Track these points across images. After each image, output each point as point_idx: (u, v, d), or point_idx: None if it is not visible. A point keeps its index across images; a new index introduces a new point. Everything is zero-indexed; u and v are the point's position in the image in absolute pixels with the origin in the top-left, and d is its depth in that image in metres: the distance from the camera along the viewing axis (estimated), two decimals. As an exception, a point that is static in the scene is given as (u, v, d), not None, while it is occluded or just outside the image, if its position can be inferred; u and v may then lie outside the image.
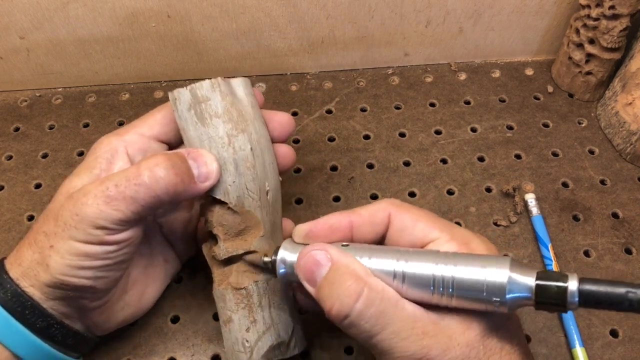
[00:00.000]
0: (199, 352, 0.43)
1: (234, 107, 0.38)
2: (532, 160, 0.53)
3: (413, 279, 0.31)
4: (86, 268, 0.35)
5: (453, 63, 0.61)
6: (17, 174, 0.53)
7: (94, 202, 0.34)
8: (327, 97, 0.59)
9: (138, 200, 0.34)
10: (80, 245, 0.34)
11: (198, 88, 0.38)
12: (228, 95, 0.38)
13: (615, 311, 0.29)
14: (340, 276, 0.31)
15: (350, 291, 0.30)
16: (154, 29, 0.54)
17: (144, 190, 0.34)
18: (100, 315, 0.39)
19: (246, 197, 0.38)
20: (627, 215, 0.50)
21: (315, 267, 0.32)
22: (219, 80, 0.38)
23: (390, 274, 0.31)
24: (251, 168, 0.38)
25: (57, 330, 0.37)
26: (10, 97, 0.59)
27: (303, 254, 0.33)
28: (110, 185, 0.34)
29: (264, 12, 0.54)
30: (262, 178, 0.39)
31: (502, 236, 0.49)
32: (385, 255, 0.32)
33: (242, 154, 0.38)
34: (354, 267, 0.31)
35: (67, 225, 0.34)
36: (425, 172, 0.53)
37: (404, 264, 0.31)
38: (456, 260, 0.31)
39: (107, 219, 0.34)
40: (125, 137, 0.39)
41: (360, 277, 0.31)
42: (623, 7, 0.50)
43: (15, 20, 0.52)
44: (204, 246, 0.40)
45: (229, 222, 0.38)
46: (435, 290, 0.30)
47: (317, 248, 0.33)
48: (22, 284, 0.35)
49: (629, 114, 0.52)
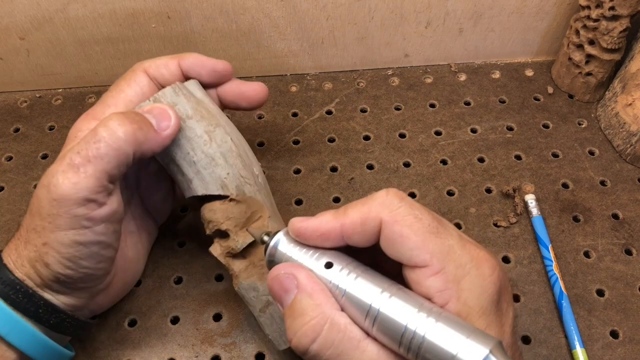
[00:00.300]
0: (199, 353, 0.43)
1: (200, 106, 0.39)
2: (532, 161, 0.53)
3: (385, 322, 0.27)
4: (83, 258, 0.35)
5: (453, 64, 0.61)
6: (17, 174, 0.53)
7: (64, 179, 0.33)
8: (327, 98, 0.59)
9: (103, 157, 0.34)
10: (70, 235, 0.34)
11: (161, 96, 0.38)
12: (191, 96, 0.39)
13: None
14: (302, 310, 0.29)
15: (307, 330, 0.28)
16: (154, 29, 0.54)
17: (105, 145, 0.34)
18: (104, 297, 0.40)
19: (244, 185, 0.38)
20: (627, 216, 0.50)
21: (282, 292, 0.30)
22: (178, 84, 0.39)
23: (365, 310, 0.28)
24: (238, 157, 0.39)
25: (69, 324, 0.37)
26: (10, 98, 0.59)
27: (273, 273, 0.31)
28: (72, 155, 0.34)
29: (263, 13, 0.54)
30: (249, 164, 0.40)
31: (502, 237, 0.49)
32: (370, 283, 0.29)
33: (226, 146, 0.38)
34: (319, 301, 0.29)
35: (50, 216, 0.33)
36: (425, 173, 0.53)
37: (384, 300, 0.28)
38: (439, 317, 0.27)
39: (83, 189, 0.33)
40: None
41: (323, 313, 0.29)
42: (623, 8, 0.50)
43: (16, 21, 0.52)
44: (212, 248, 0.40)
45: (235, 213, 0.38)
46: (403, 344, 0.27)
47: (285, 271, 0.31)
48: (29, 283, 0.35)
49: (629, 114, 0.52)
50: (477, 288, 0.28)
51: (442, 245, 0.28)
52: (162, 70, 0.41)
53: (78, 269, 0.35)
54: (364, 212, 0.30)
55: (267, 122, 0.56)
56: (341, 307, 0.29)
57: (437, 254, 0.28)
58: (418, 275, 0.28)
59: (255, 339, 0.43)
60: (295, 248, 0.32)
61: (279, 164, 0.53)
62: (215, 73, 0.41)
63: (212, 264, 0.47)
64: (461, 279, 0.28)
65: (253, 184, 0.39)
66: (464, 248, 0.29)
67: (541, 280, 0.46)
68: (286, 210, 0.50)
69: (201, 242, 0.48)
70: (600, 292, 0.46)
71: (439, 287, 0.28)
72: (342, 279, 0.30)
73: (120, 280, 0.41)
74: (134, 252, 0.43)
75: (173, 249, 0.48)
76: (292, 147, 0.55)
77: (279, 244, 0.33)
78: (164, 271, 0.47)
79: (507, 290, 0.30)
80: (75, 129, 0.39)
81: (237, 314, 0.44)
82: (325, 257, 0.31)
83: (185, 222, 0.49)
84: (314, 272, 0.31)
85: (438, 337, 0.26)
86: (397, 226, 0.29)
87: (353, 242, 0.31)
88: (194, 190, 0.39)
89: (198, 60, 0.41)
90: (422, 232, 0.29)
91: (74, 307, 0.37)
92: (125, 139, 0.34)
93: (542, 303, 0.45)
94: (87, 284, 0.37)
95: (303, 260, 0.31)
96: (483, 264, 0.28)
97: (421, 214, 0.29)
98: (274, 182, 0.52)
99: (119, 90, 0.40)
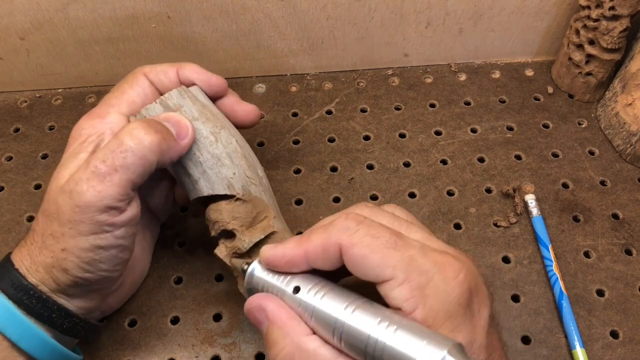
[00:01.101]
0: (199, 353, 0.43)
1: (205, 109, 0.40)
2: (532, 161, 0.53)
3: (349, 336, 0.28)
4: (102, 261, 0.35)
5: (453, 64, 0.61)
6: (17, 174, 0.53)
7: (89, 187, 0.33)
8: (327, 98, 0.59)
9: (129, 167, 0.34)
10: (91, 239, 0.34)
11: (168, 98, 0.39)
12: (196, 99, 0.40)
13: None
14: (274, 339, 0.30)
15: (281, 359, 0.30)
16: (154, 29, 0.54)
17: (132, 155, 0.34)
18: (115, 297, 0.41)
19: (250, 185, 0.39)
20: (627, 216, 0.50)
21: (256, 323, 0.32)
22: (184, 87, 0.40)
23: (332, 327, 0.29)
24: (243, 158, 0.39)
25: (81, 327, 0.37)
26: (10, 98, 0.59)
27: (246, 307, 0.33)
28: (97, 163, 0.34)
29: (264, 13, 0.54)
30: (254, 165, 0.40)
31: (502, 237, 0.49)
32: (335, 300, 0.30)
33: (231, 147, 0.39)
34: (289, 328, 0.30)
35: (72, 222, 0.34)
36: (425, 173, 0.53)
37: (347, 315, 0.29)
38: (400, 326, 0.27)
39: (107, 197, 0.33)
40: (107, 119, 0.38)
41: (292, 342, 0.30)
42: (623, 8, 0.50)
43: (16, 21, 0.52)
44: (218, 250, 0.40)
45: (241, 212, 0.38)
46: (368, 355, 0.28)
47: (255, 304, 0.32)
48: (43, 289, 0.35)
49: (629, 114, 0.52)
50: (441, 293, 0.28)
51: (402, 257, 0.29)
52: (161, 76, 0.41)
53: (97, 272, 0.35)
54: (324, 238, 0.30)
55: (267, 122, 0.56)
56: (312, 328, 0.30)
57: (398, 266, 0.28)
58: (386, 289, 0.29)
59: (255, 339, 0.43)
60: (268, 275, 0.33)
61: (279, 164, 0.53)
62: (210, 86, 0.42)
63: (212, 264, 0.47)
64: (425, 285, 0.28)
65: (258, 185, 0.40)
66: (426, 256, 0.29)
67: (541, 280, 0.46)
68: (286, 210, 0.50)
69: (201, 242, 0.48)
70: (600, 292, 0.46)
71: (405, 296, 0.28)
72: (309, 300, 0.30)
73: (129, 279, 0.42)
74: (141, 251, 0.43)
75: (173, 249, 0.48)
76: (292, 147, 0.55)
77: (254, 272, 0.34)
78: (164, 271, 0.47)
79: (479, 290, 0.30)
80: (79, 128, 0.39)
81: (237, 314, 0.44)
82: (294, 281, 0.32)
83: (185, 222, 0.49)
84: (285, 297, 0.32)
85: (398, 345, 0.27)
86: (356, 248, 0.29)
87: (318, 267, 0.31)
88: (200, 190, 0.39)
89: (195, 71, 0.41)
90: (381, 249, 0.29)
91: (86, 309, 0.37)
92: (150, 148, 0.35)
93: (542, 303, 0.45)
94: (102, 286, 0.37)
95: (275, 285, 0.33)
96: (446, 268, 0.29)
97: (378, 233, 0.30)
98: (274, 182, 0.52)
99: (122, 91, 0.40)
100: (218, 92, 0.42)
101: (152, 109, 0.39)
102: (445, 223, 0.49)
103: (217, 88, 0.42)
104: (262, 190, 0.40)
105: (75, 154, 0.37)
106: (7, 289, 0.34)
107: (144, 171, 0.35)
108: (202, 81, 0.42)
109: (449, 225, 0.49)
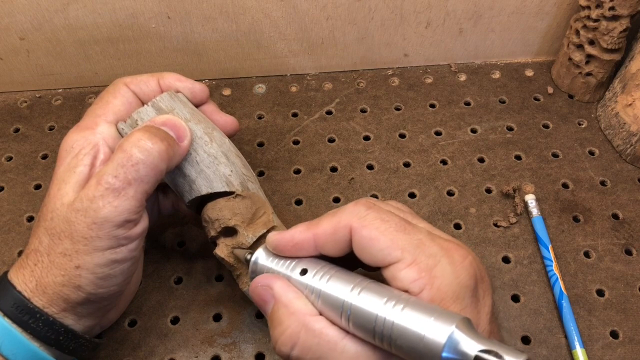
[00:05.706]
0: (199, 353, 0.43)
1: (195, 111, 0.41)
2: (532, 161, 0.53)
3: (357, 316, 0.29)
4: (116, 275, 0.35)
5: (453, 64, 0.61)
6: (17, 175, 0.53)
7: (105, 203, 0.33)
8: (327, 98, 0.59)
9: (142, 178, 0.34)
10: (107, 254, 0.34)
11: (160, 101, 0.39)
12: (186, 102, 0.40)
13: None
14: (279, 319, 0.30)
15: (285, 339, 0.30)
16: (154, 30, 0.54)
17: (143, 166, 0.34)
18: (115, 311, 0.41)
19: (247, 181, 0.40)
20: (627, 216, 0.50)
21: (262, 303, 0.32)
22: (172, 91, 0.40)
23: (339, 308, 0.29)
24: (238, 157, 0.40)
25: (85, 347, 0.37)
26: (10, 98, 0.59)
27: (253, 286, 0.33)
28: (109, 179, 0.34)
29: (263, 13, 0.54)
30: (246, 163, 0.41)
31: (502, 237, 0.49)
32: (342, 282, 0.30)
33: (225, 146, 0.40)
34: (295, 307, 0.30)
35: (87, 239, 0.33)
36: (425, 173, 0.53)
37: (354, 296, 0.29)
38: (406, 304, 0.27)
39: (124, 211, 0.34)
40: (97, 129, 0.38)
41: (298, 320, 0.30)
42: (623, 8, 0.50)
43: (15, 21, 0.52)
44: (218, 250, 0.39)
45: (241, 208, 0.38)
46: (377, 334, 0.28)
47: (262, 283, 0.32)
48: (50, 311, 0.35)
49: (629, 115, 0.52)
50: (449, 274, 0.28)
51: (411, 239, 0.29)
52: (142, 86, 0.41)
53: (109, 286, 0.35)
54: (334, 221, 0.31)
55: (267, 122, 0.56)
56: (319, 310, 0.31)
57: (407, 248, 0.29)
58: (392, 271, 0.29)
59: (255, 339, 0.43)
60: (273, 261, 0.34)
61: (279, 164, 0.53)
62: (193, 93, 0.42)
63: (212, 264, 0.47)
64: (433, 267, 0.29)
65: (254, 181, 0.40)
66: (433, 241, 0.30)
67: (541, 280, 0.46)
68: (286, 210, 0.50)
69: (201, 242, 0.48)
70: (600, 292, 0.46)
71: (413, 277, 0.28)
72: (316, 282, 0.31)
73: (127, 291, 0.42)
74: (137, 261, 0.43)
75: (173, 249, 0.48)
76: (292, 147, 0.55)
77: (258, 260, 0.34)
78: (164, 271, 0.47)
79: (483, 279, 0.30)
80: (69, 141, 0.38)
81: (237, 314, 0.44)
82: (301, 264, 0.32)
83: (185, 223, 0.49)
84: (291, 281, 0.32)
85: (406, 322, 0.27)
86: (366, 230, 0.30)
87: (326, 251, 0.32)
88: (198, 190, 0.39)
89: (178, 79, 0.42)
90: (390, 232, 0.30)
91: (89, 327, 0.37)
92: (160, 157, 0.35)
93: (542, 303, 0.45)
94: (110, 302, 0.37)
95: (280, 272, 0.33)
96: (453, 252, 0.29)
97: (388, 217, 0.30)
98: (274, 182, 0.52)
99: (106, 101, 0.40)
100: (202, 99, 0.42)
101: (145, 112, 0.39)
102: (445, 223, 0.49)
103: (200, 94, 0.42)
104: (258, 187, 0.41)
105: (72, 167, 0.36)
106: (8, 311, 0.34)
107: (156, 180, 0.35)
108: (186, 88, 0.42)
109: (449, 225, 0.49)
